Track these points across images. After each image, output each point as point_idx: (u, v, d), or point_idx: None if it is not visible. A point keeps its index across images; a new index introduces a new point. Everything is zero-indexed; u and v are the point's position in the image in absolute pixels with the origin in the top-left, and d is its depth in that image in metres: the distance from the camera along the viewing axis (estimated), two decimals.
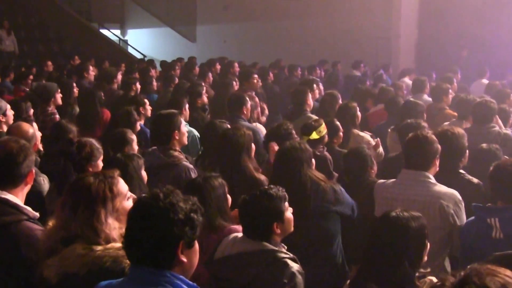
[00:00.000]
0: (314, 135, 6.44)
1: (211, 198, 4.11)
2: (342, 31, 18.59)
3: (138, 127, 7.20)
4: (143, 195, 2.71)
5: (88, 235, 3.01)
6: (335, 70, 15.33)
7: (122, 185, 3.24)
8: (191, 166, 5.56)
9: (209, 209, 4.02)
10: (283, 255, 3.62)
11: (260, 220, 3.71)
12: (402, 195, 4.69)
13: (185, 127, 5.93)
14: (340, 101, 8.42)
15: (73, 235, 3.03)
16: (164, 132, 5.74)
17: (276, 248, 3.67)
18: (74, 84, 9.83)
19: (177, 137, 5.71)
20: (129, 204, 3.17)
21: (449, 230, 4.57)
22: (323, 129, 6.47)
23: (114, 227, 3.08)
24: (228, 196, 4.29)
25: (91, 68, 12.26)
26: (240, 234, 3.87)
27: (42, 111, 8.45)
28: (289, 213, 3.82)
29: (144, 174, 4.72)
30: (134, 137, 5.91)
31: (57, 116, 8.34)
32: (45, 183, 5.17)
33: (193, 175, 5.39)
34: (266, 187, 3.92)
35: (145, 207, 2.60)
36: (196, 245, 2.69)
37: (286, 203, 3.81)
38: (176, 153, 5.60)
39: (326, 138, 6.50)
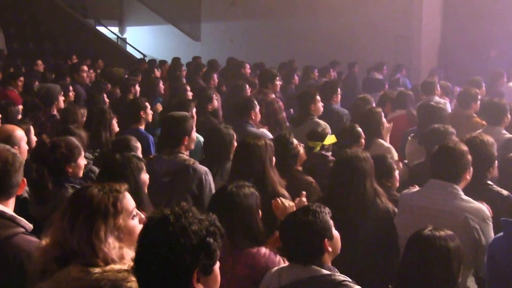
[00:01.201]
0: (330, 140, 6.55)
1: (241, 210, 3.99)
2: (358, 30, 18.57)
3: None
4: (153, 216, 2.63)
5: (85, 252, 2.97)
6: (352, 72, 15.30)
7: (128, 201, 3.18)
8: (207, 168, 5.63)
9: (235, 224, 3.92)
10: (342, 278, 3.49)
11: (308, 237, 3.60)
12: (426, 204, 4.73)
13: (195, 133, 6.00)
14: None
15: (69, 253, 2.99)
16: (175, 135, 5.79)
17: (331, 272, 3.55)
18: (71, 88, 9.87)
19: (186, 142, 5.78)
20: (134, 223, 3.14)
21: (473, 247, 4.58)
22: (328, 130, 6.61)
23: (114, 246, 3.03)
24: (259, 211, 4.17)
25: (85, 68, 12.22)
26: (283, 265, 3.77)
27: (45, 115, 8.51)
28: (334, 230, 3.73)
29: (144, 177, 4.64)
30: (138, 144, 5.94)
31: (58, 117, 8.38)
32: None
33: (210, 178, 5.51)
34: (306, 205, 3.84)
35: (153, 232, 2.53)
36: (216, 270, 2.60)
37: (330, 219, 3.72)
38: (186, 157, 5.69)
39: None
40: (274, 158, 5.24)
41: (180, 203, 2.65)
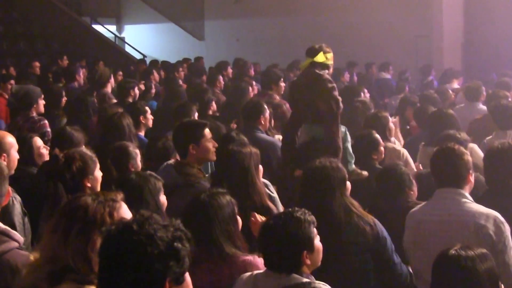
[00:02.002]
0: (320, 57, 6.56)
1: (217, 219, 4.03)
2: (375, 29, 18.58)
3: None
4: (111, 227, 2.58)
5: (79, 267, 2.95)
6: (369, 72, 15.31)
7: (125, 212, 3.16)
8: (209, 186, 5.44)
9: (217, 233, 3.98)
10: (322, 286, 3.48)
11: (287, 248, 3.61)
12: (435, 216, 4.71)
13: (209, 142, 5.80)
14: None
15: (62, 269, 2.97)
16: (178, 144, 5.76)
17: (311, 280, 3.52)
18: (63, 92, 9.91)
19: (193, 152, 5.63)
20: None
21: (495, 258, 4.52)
22: (331, 58, 6.61)
23: None
24: (238, 218, 4.20)
25: (81, 71, 12.29)
26: (259, 270, 3.79)
27: (24, 119, 8.50)
28: (318, 241, 3.76)
29: (163, 199, 4.59)
30: (137, 150, 5.90)
31: (46, 121, 8.38)
32: (15, 203, 5.04)
33: None
34: (291, 209, 3.82)
35: (116, 243, 2.49)
36: (188, 279, 2.60)
37: (315, 229, 3.74)
38: (195, 171, 5.55)
39: (331, 70, 6.72)
40: (260, 168, 5.23)
41: (140, 211, 2.64)
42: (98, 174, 4.84)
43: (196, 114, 7.93)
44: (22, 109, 8.71)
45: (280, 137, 7.48)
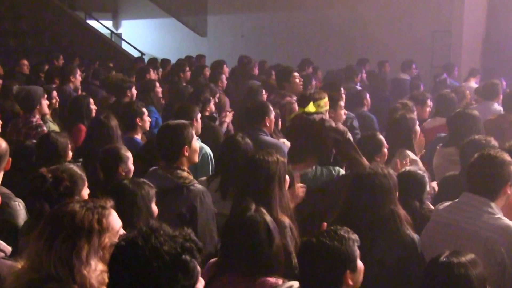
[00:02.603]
0: (311, 108, 6.59)
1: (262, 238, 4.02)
2: (389, 23, 18.53)
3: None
4: (119, 243, 2.68)
5: (61, 274, 3.01)
6: (382, 71, 15.23)
7: (114, 219, 3.25)
8: (203, 188, 5.55)
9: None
10: None
11: (329, 267, 3.61)
12: (450, 222, 4.75)
13: (197, 142, 5.90)
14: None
15: (44, 277, 3.02)
16: (171, 147, 5.71)
17: None
18: (55, 93, 9.87)
19: (186, 154, 5.66)
20: None
21: (500, 275, 4.50)
22: (324, 104, 6.68)
23: (95, 269, 3.09)
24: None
25: (78, 72, 12.23)
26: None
27: (25, 122, 8.47)
28: (359, 261, 3.74)
29: (155, 208, 4.63)
30: (129, 154, 5.94)
31: (45, 128, 8.35)
32: (21, 208, 5.16)
33: (208, 200, 5.41)
34: (333, 227, 3.82)
35: (122, 260, 2.61)
36: None
37: (358, 249, 3.73)
38: (185, 174, 5.58)
39: (327, 115, 6.77)
40: (287, 178, 5.23)
41: (149, 221, 2.73)
42: (85, 192, 4.86)
43: (199, 116, 7.93)
44: (24, 111, 8.66)
45: (285, 140, 7.51)
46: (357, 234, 3.76)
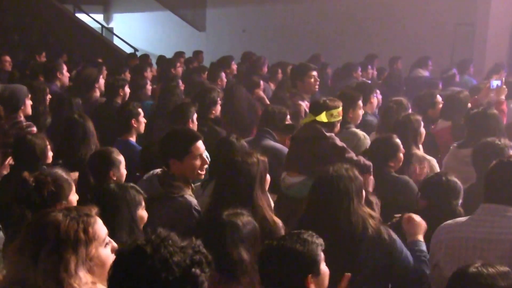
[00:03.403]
0: (323, 117, 6.74)
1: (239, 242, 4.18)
2: (406, 16, 18.50)
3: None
4: (124, 248, 2.71)
5: None
6: (394, 69, 15.19)
7: (100, 227, 3.28)
8: (194, 201, 5.55)
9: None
10: None
11: (290, 271, 3.73)
12: (470, 235, 4.75)
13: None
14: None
15: None
16: (162, 155, 5.77)
17: None
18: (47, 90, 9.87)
19: (175, 167, 5.68)
20: (106, 252, 3.23)
21: None
22: (338, 114, 6.84)
23: (86, 282, 3.11)
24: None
25: (65, 68, 12.18)
26: None
27: (11, 122, 8.45)
28: (324, 265, 3.86)
29: (142, 214, 4.70)
30: (121, 158, 5.98)
31: (34, 128, 8.34)
32: None
33: (196, 214, 5.44)
34: (297, 231, 3.96)
35: (128, 268, 2.61)
36: None
37: (322, 253, 3.85)
38: (179, 183, 5.61)
39: (338, 128, 6.99)
40: (268, 178, 5.39)
41: (157, 229, 2.71)
42: (74, 198, 4.89)
43: (195, 116, 7.97)
44: (8, 111, 8.64)
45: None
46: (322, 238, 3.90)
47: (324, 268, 3.84)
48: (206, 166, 5.78)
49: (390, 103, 8.62)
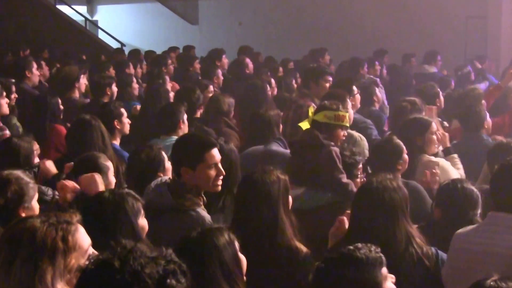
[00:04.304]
0: (319, 117, 6.88)
1: (214, 263, 4.06)
2: (415, 9, 18.54)
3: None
4: (89, 265, 2.64)
5: None
6: (407, 65, 15.21)
7: (82, 236, 3.25)
8: (208, 217, 5.45)
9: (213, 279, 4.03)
10: None
11: None
12: (481, 246, 4.75)
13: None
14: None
15: None
16: (174, 162, 5.75)
17: None
18: (13, 88, 9.88)
19: (187, 176, 5.55)
20: None
21: None
22: (334, 116, 6.89)
23: None
24: (242, 257, 4.22)
25: (34, 66, 12.10)
26: None
27: None
28: (390, 283, 3.69)
29: (143, 223, 4.64)
30: (109, 163, 5.94)
31: (7, 131, 8.33)
32: None
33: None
34: (351, 247, 3.69)
35: (95, 284, 2.57)
36: None
37: (384, 269, 3.65)
38: (191, 195, 5.51)
39: (340, 135, 7.00)
40: (290, 199, 5.26)
41: (121, 241, 2.69)
42: (36, 205, 4.88)
43: (185, 117, 7.99)
44: None
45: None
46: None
47: (389, 286, 3.67)
48: (221, 177, 5.58)
49: (403, 103, 8.59)
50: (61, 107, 9.17)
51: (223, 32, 22.44)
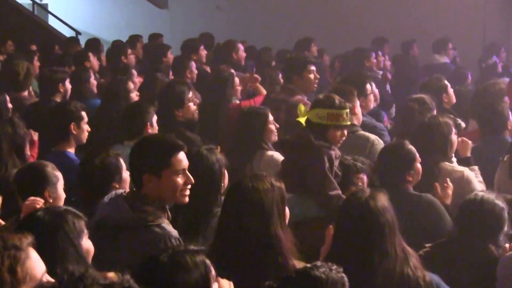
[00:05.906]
0: (310, 115, 6.89)
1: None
2: None
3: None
4: None
5: None
6: (409, 56, 15.26)
7: (34, 265, 3.23)
8: (174, 232, 5.43)
9: None
10: None
11: None
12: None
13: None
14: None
15: None
16: (133, 169, 5.70)
17: None
18: None
19: (150, 185, 5.52)
20: None
21: None
22: (327, 115, 6.81)
23: None
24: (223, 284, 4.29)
25: None
26: None
27: None
28: None
29: (87, 244, 4.61)
30: (58, 173, 5.99)
31: None
32: None
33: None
34: (312, 265, 3.94)
35: None
36: None
37: None
38: (153, 208, 5.46)
39: (337, 136, 6.89)
40: (287, 210, 5.31)
41: (68, 267, 2.77)
42: None
43: (155, 119, 7.98)
44: None
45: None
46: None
47: None
48: (189, 186, 5.56)
49: (409, 102, 8.64)
50: (9, 105, 9.24)
51: (197, 17, 22.47)
